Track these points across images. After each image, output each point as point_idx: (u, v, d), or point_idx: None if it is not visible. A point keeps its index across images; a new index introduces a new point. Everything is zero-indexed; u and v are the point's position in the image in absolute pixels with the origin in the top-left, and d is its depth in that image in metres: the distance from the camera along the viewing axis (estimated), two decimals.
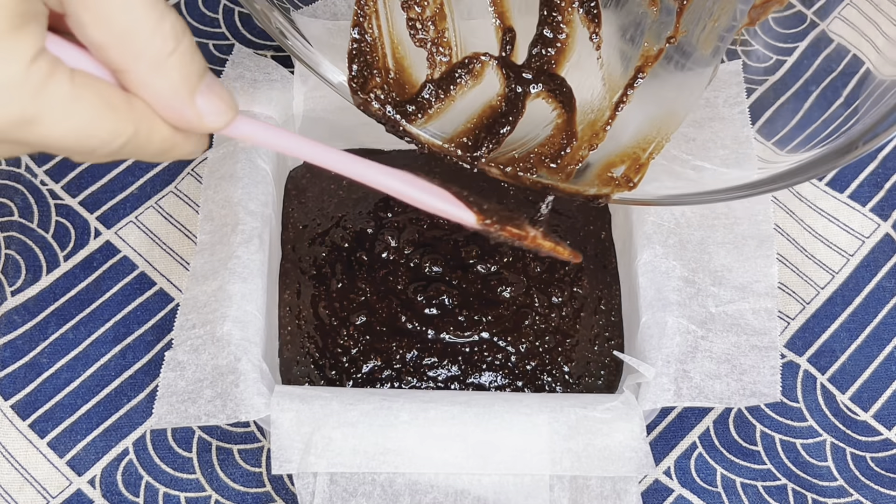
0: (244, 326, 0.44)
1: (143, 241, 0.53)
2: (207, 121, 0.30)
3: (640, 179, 0.42)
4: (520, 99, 0.42)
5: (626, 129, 0.43)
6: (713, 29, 0.43)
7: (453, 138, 0.42)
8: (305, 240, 0.52)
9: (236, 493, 0.47)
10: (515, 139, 0.42)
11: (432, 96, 0.42)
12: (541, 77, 0.42)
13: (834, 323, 0.52)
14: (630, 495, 0.42)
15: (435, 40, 0.42)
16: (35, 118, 0.26)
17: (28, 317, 0.51)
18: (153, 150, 0.30)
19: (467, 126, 0.42)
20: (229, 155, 0.49)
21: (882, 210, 0.55)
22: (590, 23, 0.43)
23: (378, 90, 0.42)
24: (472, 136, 0.42)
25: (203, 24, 0.59)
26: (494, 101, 0.42)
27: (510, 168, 0.42)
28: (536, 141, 0.42)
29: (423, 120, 0.42)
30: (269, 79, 0.51)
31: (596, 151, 0.42)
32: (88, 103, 0.27)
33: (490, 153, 0.41)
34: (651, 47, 0.43)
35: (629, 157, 0.42)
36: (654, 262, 0.47)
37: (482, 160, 0.41)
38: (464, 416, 0.43)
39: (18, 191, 0.54)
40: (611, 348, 0.50)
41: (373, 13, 0.42)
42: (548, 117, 0.43)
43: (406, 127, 0.42)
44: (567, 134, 0.42)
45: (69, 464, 0.48)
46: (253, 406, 0.41)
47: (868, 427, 0.50)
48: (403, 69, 0.43)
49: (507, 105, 0.42)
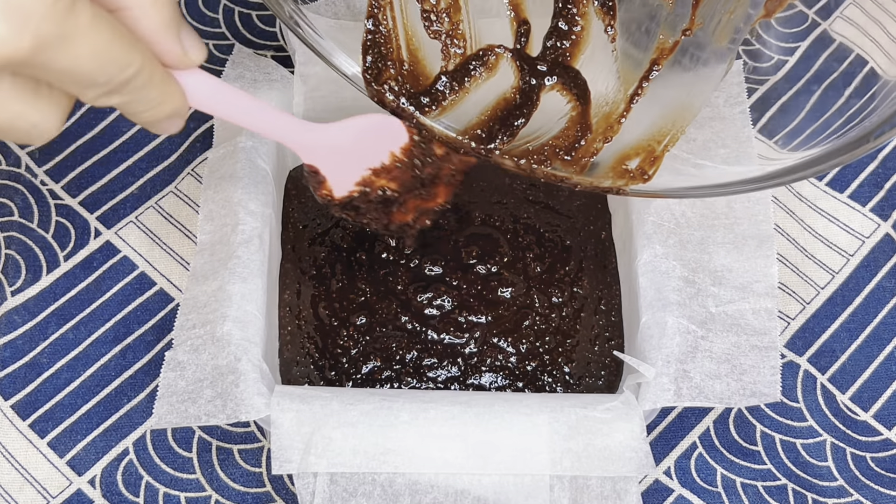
0: (244, 326, 0.44)
1: (143, 241, 0.53)
2: (191, 54, 0.35)
3: (654, 172, 0.42)
4: (534, 91, 0.42)
5: (640, 122, 0.43)
6: (729, 21, 0.43)
7: (467, 130, 0.42)
8: (305, 240, 0.52)
9: (236, 493, 0.47)
10: (530, 131, 0.42)
11: (446, 88, 0.42)
12: (555, 69, 0.42)
13: (834, 323, 0.52)
14: (630, 495, 0.42)
15: (449, 32, 0.42)
16: (66, 37, 0.29)
17: (28, 317, 0.51)
18: (150, 95, 0.33)
19: (481, 118, 0.42)
20: (229, 155, 0.49)
21: (882, 210, 0.55)
22: (605, 15, 0.43)
23: (392, 81, 0.41)
24: (486, 129, 0.42)
25: (203, 24, 0.59)
26: (509, 93, 0.42)
27: (524, 160, 0.41)
28: (551, 133, 0.42)
29: (437, 112, 0.42)
30: (269, 79, 0.51)
31: (610, 144, 0.42)
32: (106, 29, 0.30)
33: (504, 145, 0.41)
34: (666, 39, 0.43)
35: (644, 150, 0.42)
36: (654, 262, 0.47)
37: (496, 152, 0.41)
38: (464, 416, 0.43)
39: (18, 191, 0.54)
40: (611, 348, 0.50)
41: (387, 4, 0.42)
42: (562, 110, 0.42)
43: (420, 119, 0.42)
44: (582, 126, 0.42)
45: (69, 464, 0.48)
46: (253, 406, 0.41)
47: (868, 427, 0.50)
48: (418, 61, 0.43)
49: (522, 97, 0.42)
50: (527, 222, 0.53)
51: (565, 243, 0.53)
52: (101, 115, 0.56)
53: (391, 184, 0.45)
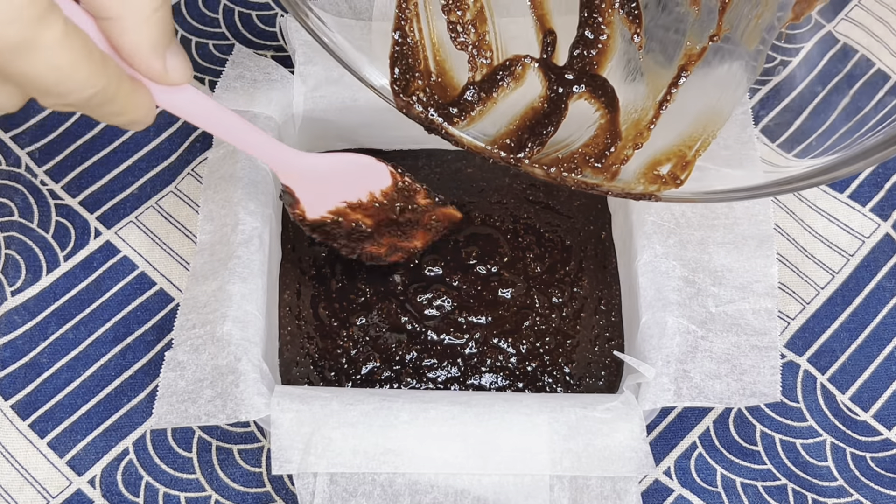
0: (244, 326, 0.44)
1: (143, 241, 0.53)
2: (172, 75, 0.35)
3: (686, 176, 0.41)
4: (562, 100, 0.42)
5: (671, 128, 0.43)
6: (756, 25, 0.43)
7: (496, 140, 0.42)
8: (305, 240, 0.52)
9: (236, 493, 0.47)
10: (559, 140, 0.42)
11: (474, 98, 0.42)
12: (583, 78, 0.42)
13: (834, 323, 0.52)
14: (630, 495, 0.42)
15: (476, 43, 0.43)
16: (32, 45, 0.29)
17: (28, 317, 0.51)
18: (111, 109, 0.34)
19: (510, 128, 0.42)
20: (229, 155, 0.49)
21: (882, 210, 0.55)
22: (630, 24, 0.43)
23: (420, 93, 0.42)
24: (515, 138, 0.42)
25: (203, 24, 0.59)
26: (536, 102, 0.42)
27: (554, 169, 0.41)
28: (580, 141, 0.42)
29: (465, 122, 0.42)
30: (269, 79, 0.51)
31: (641, 150, 0.42)
32: (75, 47, 0.30)
33: (533, 154, 0.41)
34: (694, 45, 0.43)
35: (675, 155, 0.42)
36: (654, 262, 0.47)
37: (525, 161, 0.41)
38: (464, 416, 0.43)
39: (18, 191, 0.54)
40: (611, 349, 0.50)
41: (413, 16, 0.42)
42: (591, 118, 0.42)
43: (449, 129, 0.42)
44: (611, 133, 0.42)
45: (69, 464, 0.48)
46: (253, 406, 0.41)
47: (868, 427, 0.50)
48: (445, 72, 0.43)
49: (550, 106, 0.42)
50: (527, 222, 0.53)
51: (565, 243, 0.53)
52: None
53: (366, 220, 0.46)
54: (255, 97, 0.50)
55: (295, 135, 0.52)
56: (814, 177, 0.39)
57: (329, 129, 0.53)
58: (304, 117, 0.52)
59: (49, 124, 0.56)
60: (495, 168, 0.55)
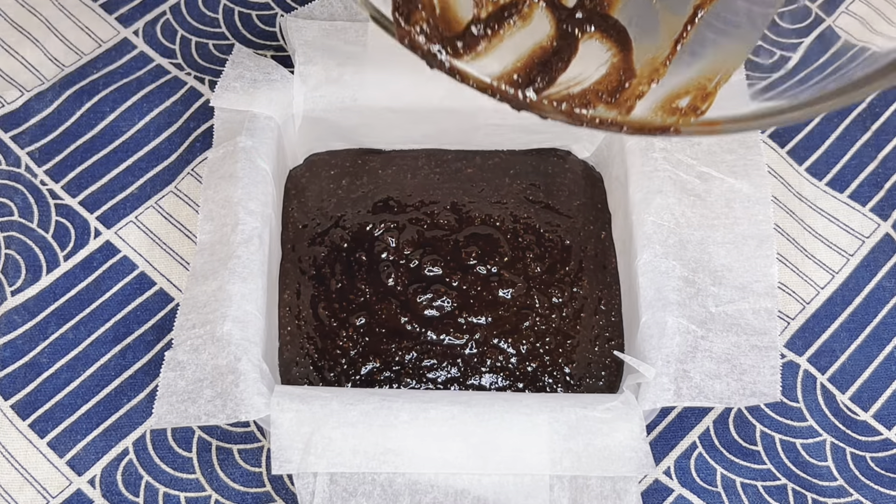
0: (244, 326, 0.44)
1: (143, 241, 0.53)
2: None
3: (708, 107, 0.40)
4: (572, 38, 0.41)
5: (689, 64, 0.41)
6: None
7: (503, 75, 0.41)
8: (305, 240, 0.52)
9: (236, 493, 0.47)
10: (569, 77, 0.41)
11: (480, 33, 0.41)
12: (593, 17, 0.41)
13: (834, 323, 0.52)
14: (630, 495, 0.42)
15: None
16: None
17: (28, 317, 0.51)
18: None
19: (517, 65, 0.41)
20: (229, 155, 0.49)
21: (882, 210, 0.55)
22: None
23: (423, 23, 0.40)
24: (523, 74, 0.41)
25: (203, 24, 0.59)
26: (545, 41, 0.41)
27: (565, 105, 0.41)
28: (592, 80, 0.41)
29: (469, 58, 0.41)
30: (269, 79, 0.51)
31: (658, 86, 0.41)
32: None
33: (543, 90, 0.41)
34: None
35: (695, 88, 0.41)
36: (654, 262, 0.47)
37: (535, 97, 0.40)
38: (464, 416, 0.43)
39: (18, 191, 0.54)
40: (611, 349, 0.50)
41: None
42: (603, 56, 0.41)
43: (454, 63, 0.41)
44: (625, 71, 0.41)
45: (69, 464, 0.48)
46: (253, 406, 0.41)
47: (868, 427, 0.50)
48: (449, 6, 0.42)
49: (559, 44, 0.41)
50: (527, 222, 0.53)
51: (565, 243, 0.53)
52: (101, 115, 0.56)
53: None
54: (255, 97, 0.50)
55: (295, 135, 0.52)
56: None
57: (329, 129, 0.53)
58: (304, 117, 0.52)
59: (49, 124, 0.56)
60: (495, 168, 0.55)
